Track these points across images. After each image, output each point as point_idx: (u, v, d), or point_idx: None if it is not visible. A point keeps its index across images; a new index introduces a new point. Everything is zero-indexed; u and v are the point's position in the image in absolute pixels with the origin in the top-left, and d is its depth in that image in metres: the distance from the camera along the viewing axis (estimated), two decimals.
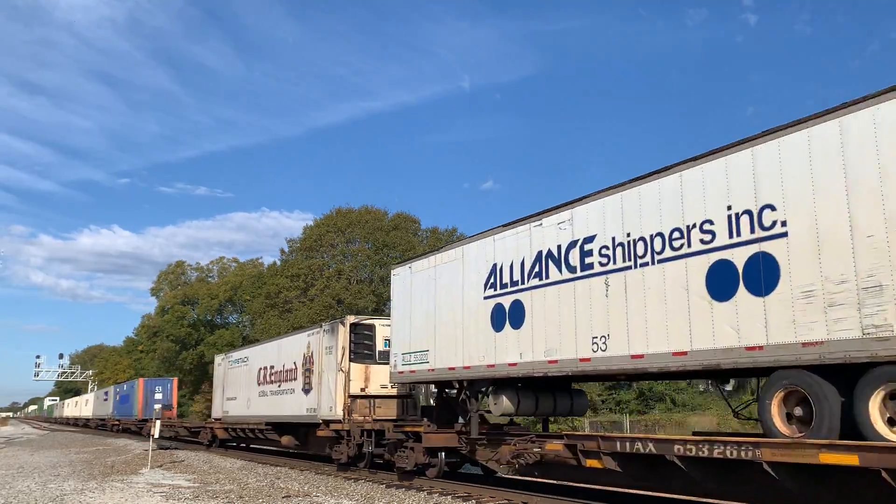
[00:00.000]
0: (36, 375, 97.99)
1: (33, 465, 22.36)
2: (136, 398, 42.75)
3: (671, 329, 8.73)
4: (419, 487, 14.02)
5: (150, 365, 75.52)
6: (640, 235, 9.33)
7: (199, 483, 16.25)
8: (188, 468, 20.37)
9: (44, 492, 14.86)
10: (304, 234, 57.05)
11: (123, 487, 15.48)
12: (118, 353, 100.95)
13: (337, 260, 54.05)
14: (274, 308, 54.15)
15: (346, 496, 13.37)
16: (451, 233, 54.21)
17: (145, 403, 40.38)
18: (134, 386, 44.74)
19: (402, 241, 53.03)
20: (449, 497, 12.63)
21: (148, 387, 43.03)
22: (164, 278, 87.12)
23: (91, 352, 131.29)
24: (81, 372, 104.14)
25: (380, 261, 53.75)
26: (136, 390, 43.34)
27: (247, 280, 74.33)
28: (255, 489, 14.76)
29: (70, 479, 17.42)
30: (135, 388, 44.11)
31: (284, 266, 57.07)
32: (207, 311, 78.44)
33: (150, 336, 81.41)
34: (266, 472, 18.58)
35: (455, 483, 14.21)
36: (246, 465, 20.71)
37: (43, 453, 29.21)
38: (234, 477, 17.45)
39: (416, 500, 12.54)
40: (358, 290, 50.94)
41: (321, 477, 16.85)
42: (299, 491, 14.28)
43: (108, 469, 20.51)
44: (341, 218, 55.27)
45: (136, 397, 43.00)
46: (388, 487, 14.28)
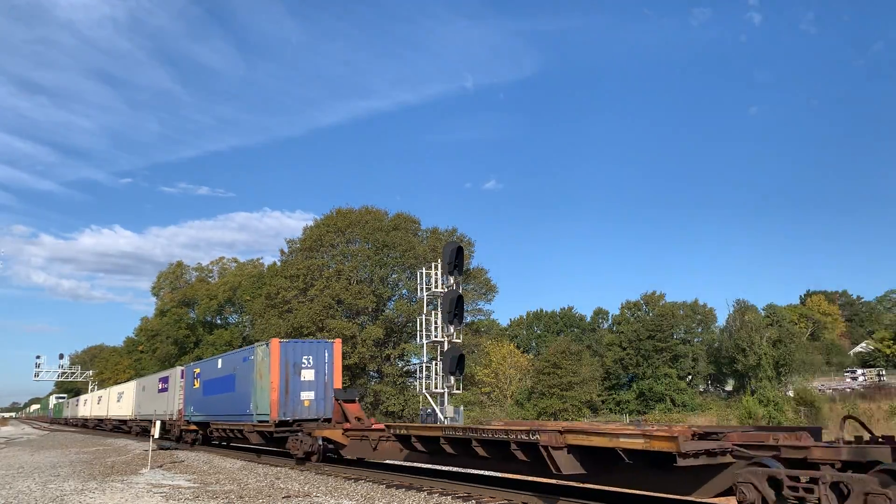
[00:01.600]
0: (36, 376, 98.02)
1: (33, 466, 22.36)
2: (259, 380, 21.73)
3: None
4: (419, 487, 14.03)
5: (150, 365, 75.48)
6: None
7: (200, 483, 16.25)
8: (188, 468, 20.37)
9: (44, 492, 14.86)
10: (304, 234, 57.06)
11: (123, 488, 15.48)
12: (118, 353, 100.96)
13: (337, 260, 54.01)
14: (274, 308, 54.13)
15: (346, 496, 13.37)
16: (451, 233, 54.22)
17: (286, 390, 20.81)
18: (251, 357, 22.78)
19: (402, 242, 53.00)
20: (449, 497, 12.64)
21: (290, 354, 21.22)
22: (164, 278, 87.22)
23: (91, 352, 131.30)
24: (82, 372, 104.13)
25: (380, 261, 53.72)
26: (260, 363, 21.77)
27: (246, 280, 74.39)
28: (256, 489, 14.76)
29: (70, 480, 17.43)
30: (253, 360, 22.46)
31: (284, 266, 57.06)
32: (207, 311, 78.45)
33: (149, 338, 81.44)
34: (266, 472, 18.58)
35: (455, 483, 14.22)
36: (246, 466, 20.71)
37: (43, 453, 29.22)
38: (234, 477, 17.46)
39: (416, 500, 12.55)
40: (358, 290, 50.90)
41: (321, 477, 16.85)
42: (299, 491, 14.28)
43: (108, 469, 20.52)
44: (341, 218, 55.27)
45: (256, 379, 22.05)
46: (389, 487, 14.29)
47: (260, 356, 21.95)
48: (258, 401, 21.75)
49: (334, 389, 20.73)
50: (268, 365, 21.01)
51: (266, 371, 21.11)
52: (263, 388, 21.32)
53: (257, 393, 21.91)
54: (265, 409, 21.01)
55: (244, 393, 23.05)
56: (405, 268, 53.49)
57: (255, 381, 22.10)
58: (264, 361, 21.38)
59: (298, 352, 21.34)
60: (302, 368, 21.13)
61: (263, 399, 21.25)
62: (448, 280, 29.66)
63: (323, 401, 21.25)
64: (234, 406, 23.91)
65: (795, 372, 71.73)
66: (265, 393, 21.12)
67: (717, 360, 76.75)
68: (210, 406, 27.12)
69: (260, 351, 22.12)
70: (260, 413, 21.49)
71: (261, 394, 21.56)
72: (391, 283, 55.03)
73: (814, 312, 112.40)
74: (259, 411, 21.59)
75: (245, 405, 22.86)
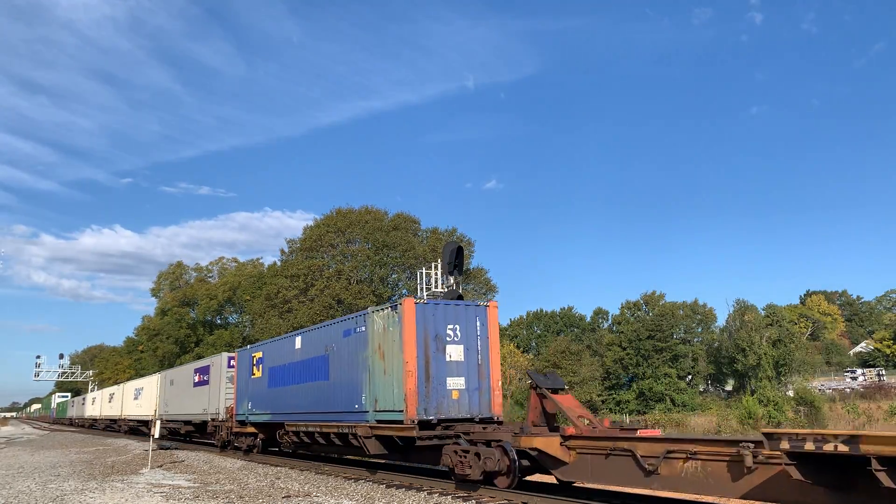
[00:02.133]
0: (36, 376, 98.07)
1: (34, 466, 22.37)
2: (379, 361, 15.44)
3: None
4: (419, 487, 14.04)
5: (150, 365, 75.51)
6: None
7: (200, 483, 16.26)
8: (188, 468, 20.38)
9: (44, 492, 14.87)
10: (304, 234, 57.13)
11: (124, 487, 15.49)
12: (118, 353, 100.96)
13: (337, 260, 54.06)
14: (274, 308, 54.17)
15: (346, 496, 13.38)
16: (451, 233, 54.24)
17: (427, 375, 14.45)
18: (361, 328, 16.40)
19: (402, 242, 53.05)
20: (449, 497, 12.64)
21: (430, 322, 14.83)
22: (163, 279, 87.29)
23: (91, 352, 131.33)
24: (82, 372, 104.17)
25: (380, 261, 53.77)
26: (379, 335, 15.56)
27: (246, 280, 74.40)
28: (256, 489, 14.77)
29: (70, 479, 17.44)
30: (365, 332, 16.13)
31: (284, 266, 57.11)
32: (207, 311, 78.50)
33: (150, 337, 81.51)
34: (266, 472, 18.59)
35: (455, 483, 14.22)
36: (246, 465, 20.72)
37: (43, 453, 29.22)
38: (234, 477, 17.46)
39: (416, 499, 12.56)
40: (358, 290, 50.95)
41: (321, 477, 16.86)
42: (299, 491, 14.29)
43: (108, 469, 20.52)
44: (341, 218, 55.32)
45: (372, 359, 15.71)
46: (388, 487, 14.30)
47: (379, 325, 15.39)
48: (378, 391, 15.13)
49: (533, 374, 13.84)
50: (398, 336, 14.43)
51: (394, 346, 14.63)
52: (390, 372, 14.70)
53: (376, 380, 15.21)
54: (393, 402, 14.50)
55: (350, 381, 16.45)
56: (405, 268, 53.53)
57: (372, 363, 15.42)
58: (390, 333, 14.92)
59: (441, 318, 14.72)
60: (447, 343, 14.74)
61: (390, 388, 14.69)
62: (448, 280, 29.60)
63: (477, 392, 14.70)
64: (330, 400, 17.30)
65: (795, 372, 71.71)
66: (393, 379, 14.54)
67: (717, 360, 76.76)
68: (282, 401, 20.49)
69: (380, 318, 15.43)
70: (383, 410, 14.93)
71: (384, 381, 14.96)
72: (391, 283, 55.07)
73: (814, 312, 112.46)
74: (382, 406, 14.97)
75: (352, 398, 16.21)
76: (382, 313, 15.44)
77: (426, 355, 14.41)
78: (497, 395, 14.91)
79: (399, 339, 14.45)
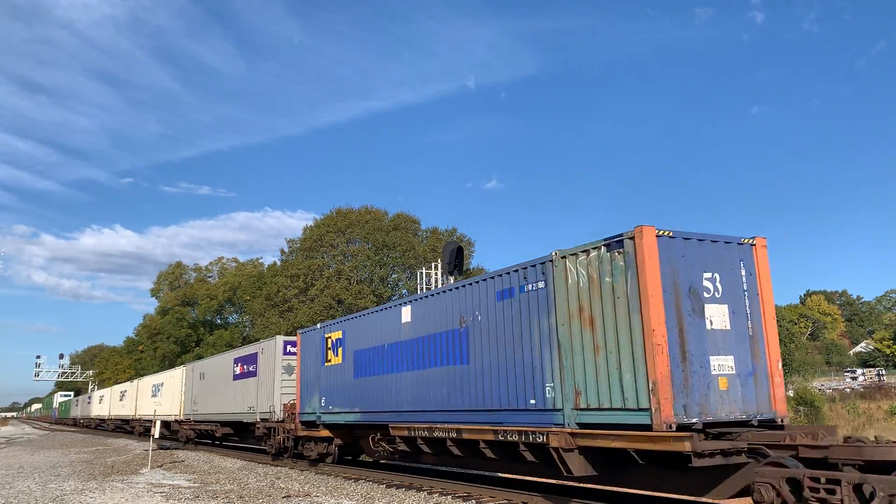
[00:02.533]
0: (36, 376, 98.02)
1: (34, 466, 22.36)
2: (581, 328, 9.89)
3: None
4: (419, 487, 14.03)
5: (150, 365, 75.52)
6: None
7: (200, 483, 16.25)
8: (188, 468, 20.37)
9: (44, 492, 14.86)
10: (304, 234, 57.16)
11: (124, 487, 15.48)
12: (118, 353, 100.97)
13: (337, 260, 54.09)
14: (274, 308, 54.20)
15: (346, 496, 13.38)
16: (451, 233, 54.28)
17: (683, 351, 8.91)
18: (536, 284, 10.83)
19: (402, 242, 53.10)
20: (449, 497, 12.63)
21: (679, 266, 9.28)
22: (163, 279, 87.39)
23: (91, 352, 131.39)
24: (82, 372, 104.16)
25: (380, 261, 53.79)
26: (586, 286, 9.85)
27: (246, 280, 74.42)
28: (256, 489, 14.77)
29: (70, 480, 17.43)
30: (545, 285, 10.62)
31: (284, 266, 57.14)
32: (207, 311, 78.57)
33: (150, 336, 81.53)
34: (266, 472, 18.58)
35: (455, 483, 14.21)
36: (246, 465, 20.71)
37: (43, 453, 29.22)
38: (234, 477, 17.46)
39: (416, 499, 12.55)
40: (358, 290, 50.97)
41: (321, 477, 16.85)
42: (299, 491, 14.28)
43: (108, 469, 20.52)
44: (341, 218, 55.36)
45: (568, 326, 10.07)
46: (388, 487, 14.29)
47: (579, 276, 10.05)
48: (582, 378, 9.82)
49: None
50: (628, 289, 9.17)
51: (619, 305, 9.32)
52: (610, 348, 9.37)
53: (575, 361, 9.93)
54: (620, 396, 9.16)
55: (516, 365, 11.13)
56: (405, 268, 53.54)
57: (565, 335, 10.12)
58: (607, 285, 9.55)
59: (695, 262, 9.51)
60: (705, 302, 9.42)
61: (611, 374, 9.36)
62: (448, 280, 29.65)
63: (751, 378, 9.51)
64: (474, 393, 12.09)
65: (795, 372, 71.74)
66: (617, 359, 9.26)
67: None
68: (379, 395, 15.31)
69: (580, 265, 10.05)
70: (597, 408, 9.54)
71: (595, 362, 9.62)
72: (391, 283, 55.07)
73: (813, 312, 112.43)
74: (591, 402, 9.61)
75: (523, 389, 10.97)
76: (587, 257, 9.92)
77: (678, 320, 9.05)
78: (778, 382, 9.74)
79: (632, 294, 9.09)
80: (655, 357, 8.61)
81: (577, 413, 9.77)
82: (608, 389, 9.33)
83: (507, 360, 11.38)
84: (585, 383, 9.69)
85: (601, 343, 9.50)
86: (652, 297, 8.80)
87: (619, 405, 9.14)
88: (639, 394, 8.83)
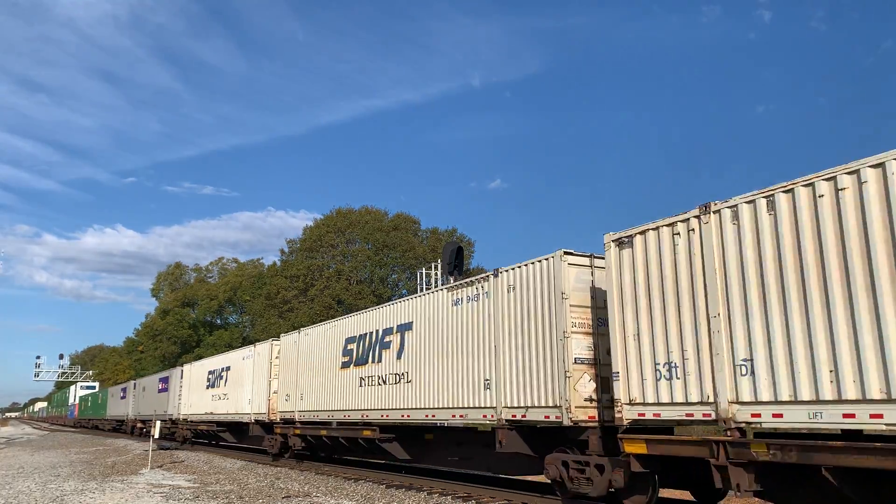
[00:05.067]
0: (36, 376, 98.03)
1: (33, 466, 22.36)
2: None
3: None
4: (419, 488, 14.03)
5: (150, 365, 75.55)
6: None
7: (199, 483, 16.25)
8: (188, 468, 20.37)
9: (44, 492, 14.86)
10: (304, 234, 57.21)
11: (123, 488, 15.48)
12: (118, 353, 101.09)
13: (337, 260, 54.12)
14: (274, 308, 54.23)
15: (346, 496, 13.38)
16: (450, 233, 54.29)
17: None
18: None
19: (402, 242, 53.11)
20: (449, 497, 12.64)
21: None
22: (163, 279, 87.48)
23: (91, 352, 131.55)
24: (82, 372, 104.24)
25: (380, 261, 53.82)
26: None
27: (246, 280, 74.47)
28: (256, 489, 14.77)
29: (70, 480, 17.43)
30: None
31: (284, 266, 57.18)
32: (207, 311, 78.61)
33: (151, 336, 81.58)
34: (266, 472, 18.58)
35: (455, 483, 14.22)
36: (246, 466, 20.72)
37: (43, 454, 29.22)
38: (234, 477, 17.46)
39: (416, 500, 12.55)
40: (358, 290, 51.00)
41: (321, 477, 16.85)
42: (299, 491, 14.28)
43: (108, 469, 20.52)
44: (341, 218, 55.40)
45: None
46: (388, 488, 14.29)
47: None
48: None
49: None
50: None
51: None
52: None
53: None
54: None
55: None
56: (405, 268, 53.57)
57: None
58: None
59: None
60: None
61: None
62: (448, 280, 29.63)
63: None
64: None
65: None
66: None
67: None
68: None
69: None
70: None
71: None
72: (391, 284, 55.10)
73: None
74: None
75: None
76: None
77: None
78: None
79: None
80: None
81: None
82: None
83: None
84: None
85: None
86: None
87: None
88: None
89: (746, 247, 8.00)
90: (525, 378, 11.34)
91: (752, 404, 7.71)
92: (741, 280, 8.01)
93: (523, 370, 11.40)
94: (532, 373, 11.19)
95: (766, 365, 7.60)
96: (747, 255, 7.99)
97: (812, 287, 7.25)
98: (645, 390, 9.04)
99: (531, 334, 11.32)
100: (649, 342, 9.08)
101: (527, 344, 11.41)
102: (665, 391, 8.76)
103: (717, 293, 8.25)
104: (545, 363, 10.90)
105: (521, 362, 11.48)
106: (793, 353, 7.33)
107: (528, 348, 11.38)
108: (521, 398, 11.39)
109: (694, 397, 8.38)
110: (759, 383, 7.64)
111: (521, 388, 11.39)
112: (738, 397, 7.88)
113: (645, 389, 9.04)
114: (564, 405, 10.28)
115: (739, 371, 7.90)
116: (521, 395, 11.37)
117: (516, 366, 11.59)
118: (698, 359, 8.37)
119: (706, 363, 8.27)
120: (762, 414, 7.60)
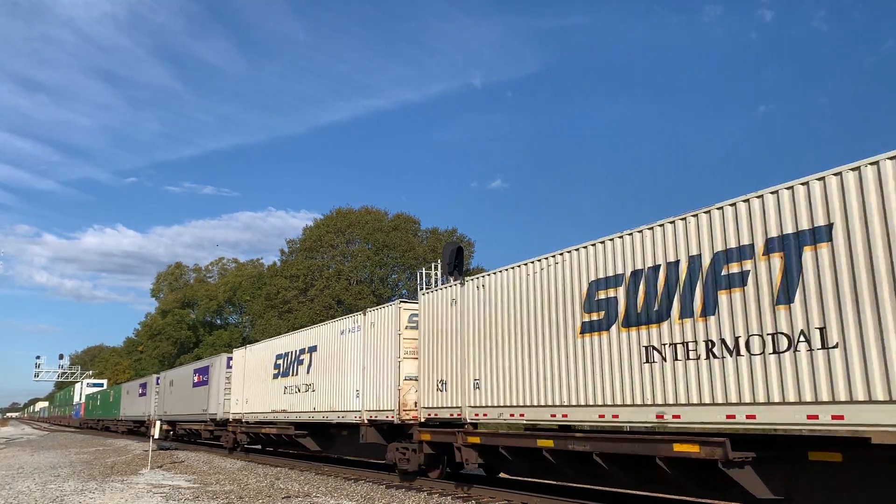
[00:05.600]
0: (36, 376, 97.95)
1: (33, 466, 22.36)
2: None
3: None
4: (419, 488, 14.04)
5: (150, 365, 75.55)
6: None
7: (199, 484, 16.26)
8: (188, 469, 20.38)
9: (44, 492, 14.86)
10: (304, 234, 57.16)
11: (123, 488, 15.48)
12: (118, 353, 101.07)
13: (337, 260, 54.08)
14: (274, 308, 54.19)
15: (346, 496, 13.38)
16: (450, 233, 54.28)
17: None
18: None
19: (401, 242, 53.08)
20: (449, 497, 12.64)
21: None
22: (162, 279, 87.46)
23: (91, 352, 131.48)
24: (82, 372, 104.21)
25: (379, 261, 53.78)
26: None
27: (246, 280, 74.45)
28: (255, 490, 14.77)
29: (70, 480, 17.43)
30: None
31: (284, 266, 57.13)
32: (206, 311, 78.58)
33: (150, 336, 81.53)
34: (266, 472, 18.58)
35: (455, 483, 14.22)
36: (246, 466, 20.72)
37: (43, 454, 29.21)
38: (234, 477, 17.46)
39: (416, 500, 12.55)
40: (358, 290, 50.97)
41: (321, 477, 16.86)
42: (299, 491, 14.29)
43: (108, 469, 20.52)
44: (341, 218, 55.36)
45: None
46: (388, 488, 14.29)
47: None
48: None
49: None
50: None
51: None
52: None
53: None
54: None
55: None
56: (405, 268, 53.56)
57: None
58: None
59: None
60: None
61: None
62: (448, 280, 29.64)
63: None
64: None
65: None
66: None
67: None
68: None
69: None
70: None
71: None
72: (391, 284, 55.08)
73: None
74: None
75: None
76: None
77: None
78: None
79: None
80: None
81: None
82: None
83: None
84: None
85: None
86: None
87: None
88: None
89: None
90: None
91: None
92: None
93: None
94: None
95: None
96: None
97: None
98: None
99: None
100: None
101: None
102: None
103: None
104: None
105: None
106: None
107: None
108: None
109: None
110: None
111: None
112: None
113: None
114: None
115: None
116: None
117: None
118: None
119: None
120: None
